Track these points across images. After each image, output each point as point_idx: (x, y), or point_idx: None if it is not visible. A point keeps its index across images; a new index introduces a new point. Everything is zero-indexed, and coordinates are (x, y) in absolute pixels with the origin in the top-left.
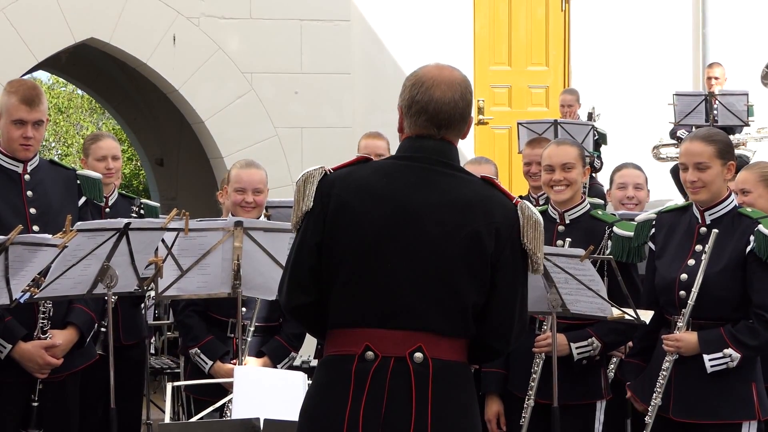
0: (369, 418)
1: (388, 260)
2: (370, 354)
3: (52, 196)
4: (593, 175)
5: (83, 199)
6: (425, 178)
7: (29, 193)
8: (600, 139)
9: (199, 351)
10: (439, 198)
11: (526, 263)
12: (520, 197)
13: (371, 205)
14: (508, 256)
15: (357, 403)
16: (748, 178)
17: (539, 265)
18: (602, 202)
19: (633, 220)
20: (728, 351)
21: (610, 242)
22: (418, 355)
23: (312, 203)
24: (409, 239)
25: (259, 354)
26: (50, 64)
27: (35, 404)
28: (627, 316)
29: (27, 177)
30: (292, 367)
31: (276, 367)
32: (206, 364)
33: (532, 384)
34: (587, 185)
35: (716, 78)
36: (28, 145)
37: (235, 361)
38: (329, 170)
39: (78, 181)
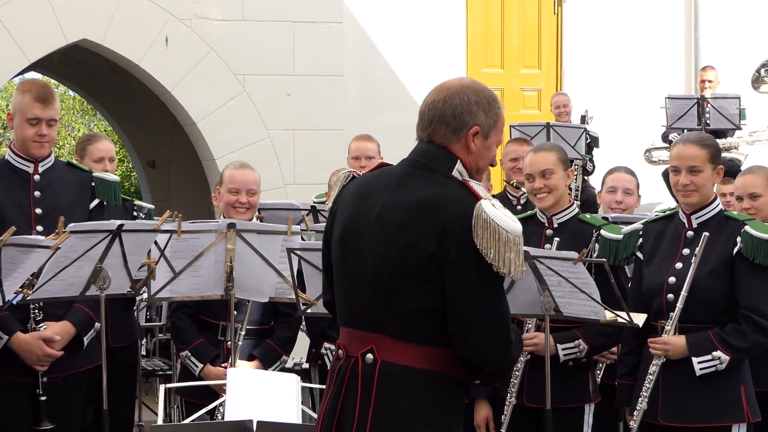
0: (328, 414)
1: (349, 261)
2: (341, 352)
3: (61, 197)
4: (585, 178)
5: (96, 201)
6: (400, 181)
7: (36, 193)
8: (592, 142)
9: (189, 354)
10: (400, 200)
11: (489, 266)
12: (494, 196)
13: (349, 208)
14: (456, 257)
15: (326, 398)
16: (757, 182)
17: (500, 268)
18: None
19: (625, 224)
20: (717, 354)
21: (597, 245)
22: (369, 356)
23: (331, 205)
24: (365, 241)
25: (250, 357)
26: (42, 65)
27: (43, 398)
28: (620, 319)
29: (37, 177)
30: (284, 370)
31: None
32: (197, 367)
33: (514, 382)
34: (579, 188)
35: (710, 81)
36: (43, 142)
37: (226, 364)
38: (357, 174)
39: (93, 183)
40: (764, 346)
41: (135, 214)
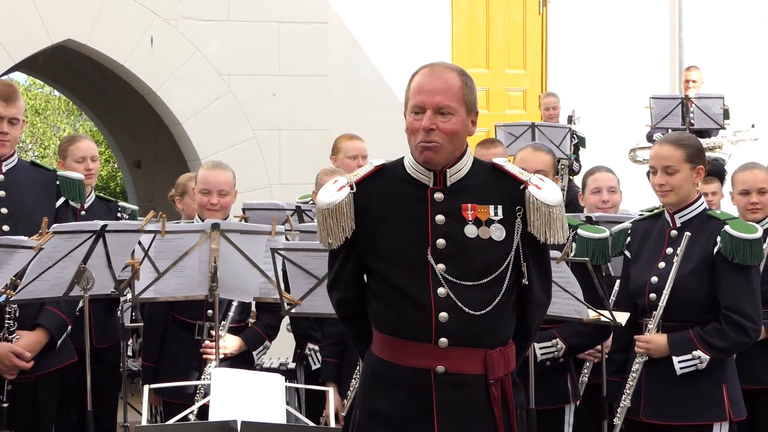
0: None
1: None
2: None
3: (27, 196)
4: (571, 177)
5: (62, 199)
6: None
7: (1, 192)
8: (579, 143)
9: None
10: None
11: None
12: None
13: None
14: None
15: None
16: (765, 177)
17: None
18: None
19: (610, 223)
20: (697, 353)
21: (574, 244)
22: None
23: None
24: None
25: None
26: (27, 66)
27: (5, 405)
28: (603, 318)
29: (0, 177)
30: (270, 370)
31: (252, 352)
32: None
33: None
34: (565, 188)
35: (694, 81)
36: (4, 141)
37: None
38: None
39: (57, 182)
40: (745, 345)
41: (119, 215)
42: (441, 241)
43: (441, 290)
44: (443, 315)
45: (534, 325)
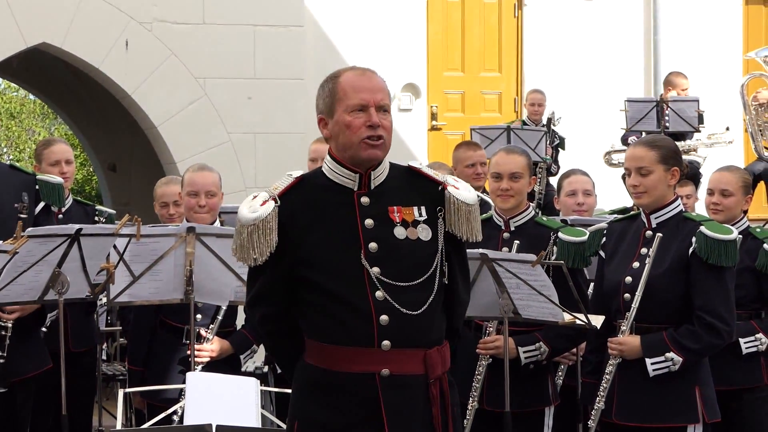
0: None
1: None
2: None
3: (5, 201)
4: (548, 179)
5: (42, 204)
6: None
7: None
8: (560, 144)
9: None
10: None
11: None
12: None
13: None
14: None
15: None
16: (731, 180)
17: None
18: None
19: (584, 226)
20: (670, 355)
21: (555, 248)
22: None
23: None
24: None
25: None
26: (2, 69)
27: None
28: (578, 321)
29: None
30: (244, 374)
31: (239, 356)
32: None
33: (476, 386)
34: (543, 191)
35: (677, 87)
36: None
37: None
38: None
39: (37, 186)
40: (718, 347)
41: (96, 219)
42: (373, 245)
43: (378, 293)
44: (384, 318)
45: (460, 326)
